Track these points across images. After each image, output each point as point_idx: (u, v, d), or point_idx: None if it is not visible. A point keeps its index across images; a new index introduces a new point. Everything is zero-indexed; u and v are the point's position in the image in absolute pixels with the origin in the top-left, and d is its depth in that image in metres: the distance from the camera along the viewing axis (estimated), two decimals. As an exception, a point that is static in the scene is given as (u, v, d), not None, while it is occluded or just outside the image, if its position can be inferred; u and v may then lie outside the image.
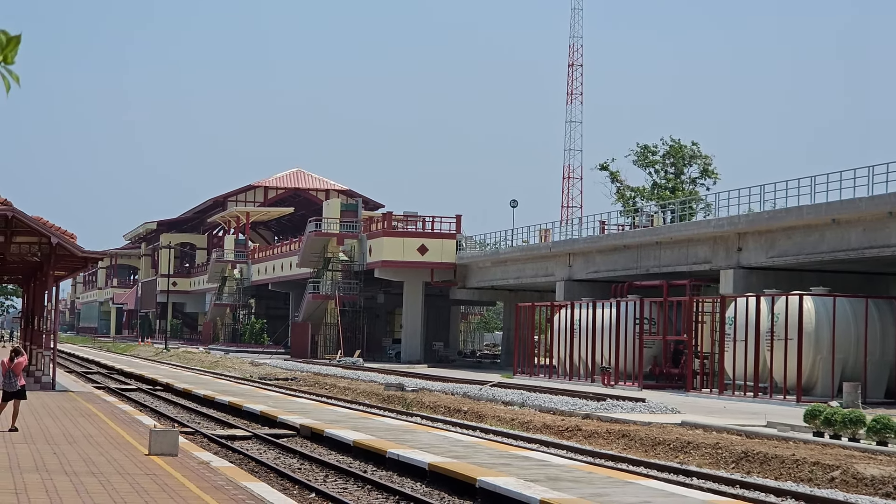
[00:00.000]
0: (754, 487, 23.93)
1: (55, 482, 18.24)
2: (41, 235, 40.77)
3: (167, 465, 20.79)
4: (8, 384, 26.07)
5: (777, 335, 49.24)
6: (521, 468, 22.65)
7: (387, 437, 28.22)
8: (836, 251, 51.05)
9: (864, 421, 29.87)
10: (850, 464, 25.24)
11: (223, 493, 17.61)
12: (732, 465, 27.74)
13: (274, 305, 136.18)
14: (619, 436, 33.09)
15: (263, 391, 49.12)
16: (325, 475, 24.44)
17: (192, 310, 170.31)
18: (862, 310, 49.43)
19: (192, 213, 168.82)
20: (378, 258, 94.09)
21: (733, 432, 32.71)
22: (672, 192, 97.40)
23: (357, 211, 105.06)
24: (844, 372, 48.47)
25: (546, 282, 78.52)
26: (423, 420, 39.27)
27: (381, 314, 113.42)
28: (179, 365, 79.85)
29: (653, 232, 65.94)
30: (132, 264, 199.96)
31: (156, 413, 39.55)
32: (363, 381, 60.15)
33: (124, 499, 16.75)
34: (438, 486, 22.34)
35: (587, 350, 63.74)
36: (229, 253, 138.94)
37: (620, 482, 21.17)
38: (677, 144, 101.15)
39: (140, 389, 52.64)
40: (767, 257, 55.33)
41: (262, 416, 36.21)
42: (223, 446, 29.22)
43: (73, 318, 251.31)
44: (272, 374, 69.38)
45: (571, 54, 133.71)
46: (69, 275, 53.48)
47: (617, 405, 42.27)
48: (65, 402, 36.29)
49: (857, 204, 49.20)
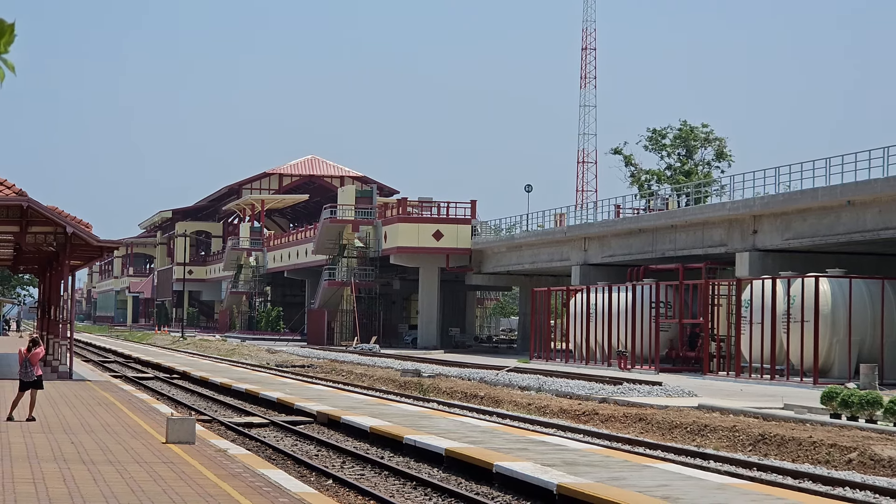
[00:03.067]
0: (771, 470, 23.90)
1: (73, 471, 18.29)
2: (56, 225, 40.82)
3: (184, 453, 20.83)
4: (25, 374, 26.14)
5: (793, 317, 49.14)
6: (537, 453, 22.65)
7: (403, 423, 28.23)
8: (851, 233, 50.91)
9: (881, 402, 29.81)
10: (867, 445, 25.19)
11: (240, 481, 17.64)
12: (749, 448, 27.71)
13: (290, 293, 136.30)
14: (635, 419, 33.07)
15: (280, 378, 49.18)
16: (342, 462, 24.48)
17: (208, 298, 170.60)
18: (878, 291, 49.28)
19: (207, 201, 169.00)
20: (393, 244, 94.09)
21: (750, 415, 32.67)
22: (686, 176, 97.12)
23: (372, 197, 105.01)
24: (861, 354, 48.37)
25: (562, 266, 78.48)
26: (439, 406, 39.30)
27: (397, 300, 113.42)
28: (196, 353, 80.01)
29: (668, 215, 65.83)
30: (148, 253, 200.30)
31: (173, 401, 39.63)
32: (379, 367, 60.19)
33: (142, 487, 16.79)
34: (455, 471, 22.35)
35: (603, 334, 63.69)
36: (244, 241, 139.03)
37: (637, 466, 21.16)
38: (688, 128, 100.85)
39: (157, 378, 52.74)
40: (783, 239, 55.21)
41: (279, 404, 36.27)
42: (240, 434, 29.28)
43: (90, 308, 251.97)
44: (289, 361, 69.46)
45: (585, 38, 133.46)
46: (85, 264, 53.58)
47: (633, 389, 42.26)
48: (82, 391, 36.38)
49: (873, 185, 49.05)
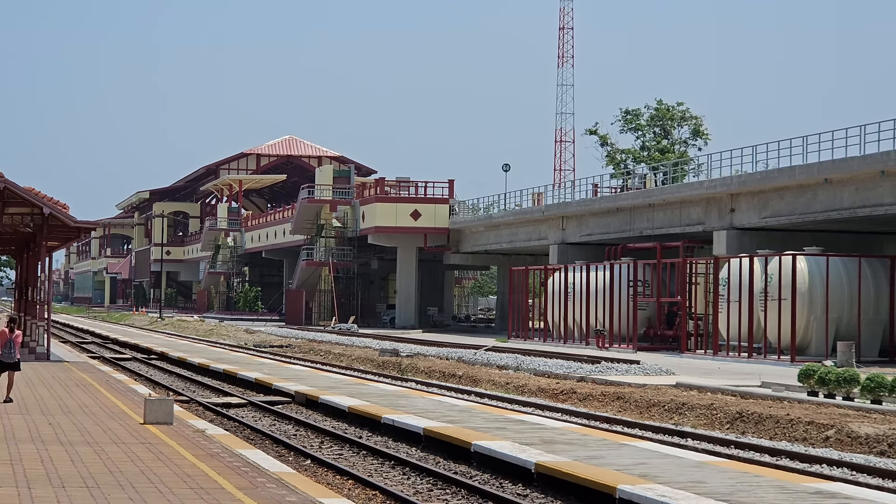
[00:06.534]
0: (749, 447, 23.99)
1: (50, 452, 18.25)
2: (33, 206, 40.64)
3: (162, 433, 20.81)
4: (6, 355, 26.04)
5: (771, 295, 49.30)
6: (516, 432, 22.69)
7: (382, 403, 28.25)
8: (828, 211, 51.07)
9: (858, 380, 29.94)
10: (844, 423, 25.30)
11: (219, 461, 17.63)
12: (727, 426, 27.81)
13: (268, 273, 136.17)
14: (613, 398, 33.15)
15: (258, 359, 49.15)
16: (321, 441, 24.48)
17: (186, 278, 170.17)
18: (855, 269, 49.48)
19: (185, 181, 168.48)
20: (371, 224, 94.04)
21: (728, 393, 32.78)
22: (662, 154, 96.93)
23: (350, 177, 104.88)
24: (838, 331, 48.56)
25: (540, 245, 78.55)
26: (417, 385, 39.33)
27: (375, 280, 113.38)
28: (174, 334, 79.87)
29: (646, 194, 65.93)
30: (125, 234, 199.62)
31: (151, 382, 39.57)
32: (358, 347, 60.19)
33: (119, 468, 16.76)
34: (434, 450, 22.37)
35: (581, 313, 63.80)
36: (222, 221, 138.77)
37: (615, 444, 21.21)
38: (663, 107, 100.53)
39: (135, 359, 52.63)
40: (760, 218, 55.35)
41: (257, 384, 36.25)
42: (218, 414, 29.26)
43: (67, 289, 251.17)
44: (267, 341, 69.42)
45: (562, 17, 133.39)
46: (62, 245, 53.33)
47: (611, 367, 42.37)
48: (60, 372, 36.29)
49: (850, 163, 49.18)
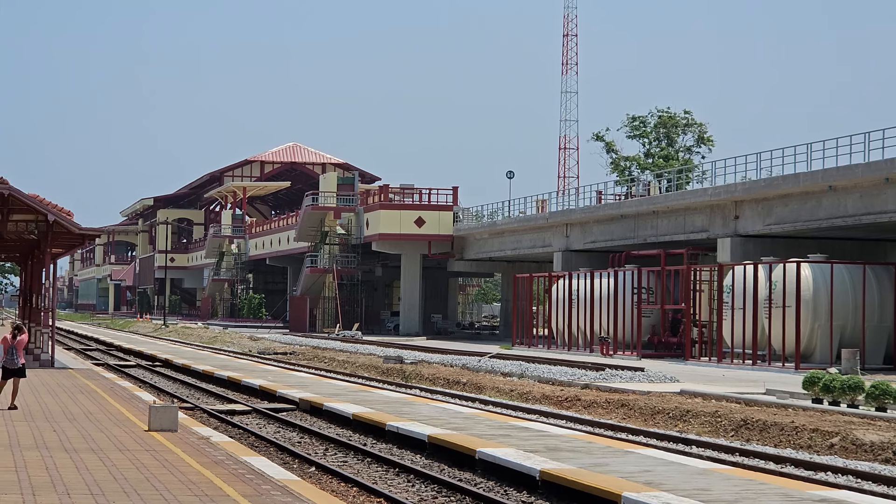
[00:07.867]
0: (754, 455, 23.98)
1: (55, 459, 18.26)
2: (38, 213, 40.70)
3: (167, 440, 20.82)
4: (10, 361, 26.06)
5: (775, 303, 49.24)
6: (520, 439, 22.68)
7: (386, 410, 28.25)
8: (833, 218, 51.00)
9: (862, 387, 29.90)
10: (849, 430, 25.27)
11: (223, 468, 17.64)
12: (732, 433, 27.78)
13: (272, 280, 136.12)
14: (618, 405, 33.13)
15: (262, 366, 49.15)
16: (325, 448, 24.49)
17: (190, 285, 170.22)
18: (860, 276, 49.40)
19: (189, 188, 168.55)
20: (375, 231, 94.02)
21: (732, 400, 32.75)
22: (666, 161, 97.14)
23: (354, 184, 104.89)
24: (843, 338, 48.49)
25: (544, 252, 78.50)
26: (422, 392, 39.32)
27: (379, 287, 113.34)
28: (178, 340, 79.89)
29: (650, 201, 65.89)
30: (130, 241, 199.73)
31: (155, 389, 39.58)
32: (362, 354, 60.17)
33: (124, 475, 16.77)
34: (438, 457, 22.37)
35: (585, 320, 63.75)
36: (226, 228, 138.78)
37: (620, 451, 21.20)
38: (667, 114, 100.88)
39: (139, 366, 52.66)
40: (764, 225, 55.30)
41: (262, 391, 36.25)
42: (223, 421, 29.27)
43: (72, 296, 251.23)
44: (271, 348, 69.41)
45: (566, 25, 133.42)
46: (66, 252, 53.41)
47: (616, 375, 42.33)
48: (64, 379, 36.30)
49: (854, 170, 49.12)
